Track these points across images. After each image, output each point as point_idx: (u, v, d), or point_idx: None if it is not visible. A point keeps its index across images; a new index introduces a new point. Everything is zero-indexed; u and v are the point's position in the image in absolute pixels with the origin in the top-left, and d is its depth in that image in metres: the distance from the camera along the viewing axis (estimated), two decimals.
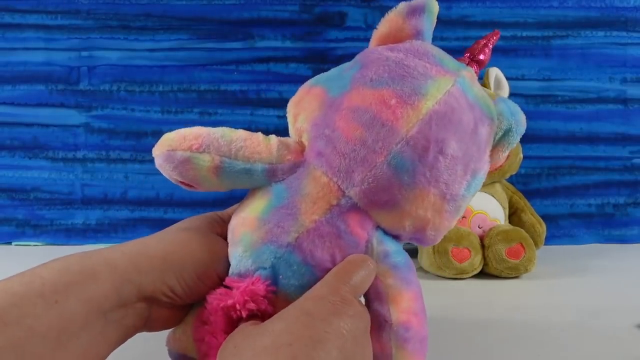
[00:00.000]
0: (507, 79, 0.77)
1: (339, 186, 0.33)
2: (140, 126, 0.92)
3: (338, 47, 0.91)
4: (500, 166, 0.73)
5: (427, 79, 0.33)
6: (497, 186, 0.76)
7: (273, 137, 0.35)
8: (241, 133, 0.34)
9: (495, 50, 1.00)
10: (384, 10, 0.98)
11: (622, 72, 0.91)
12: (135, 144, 0.91)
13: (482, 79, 0.78)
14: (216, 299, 0.33)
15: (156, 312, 0.35)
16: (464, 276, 0.68)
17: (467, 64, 0.39)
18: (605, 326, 0.49)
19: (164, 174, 0.35)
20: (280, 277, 0.32)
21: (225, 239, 0.36)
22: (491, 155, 0.36)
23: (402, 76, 0.33)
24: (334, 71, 0.36)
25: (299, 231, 0.32)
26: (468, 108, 0.33)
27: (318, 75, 0.37)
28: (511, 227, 0.71)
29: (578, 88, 0.92)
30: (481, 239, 0.70)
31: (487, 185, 0.74)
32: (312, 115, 0.34)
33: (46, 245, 0.90)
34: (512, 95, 0.79)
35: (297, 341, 0.26)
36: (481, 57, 0.38)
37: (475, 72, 0.38)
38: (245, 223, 0.34)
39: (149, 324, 0.35)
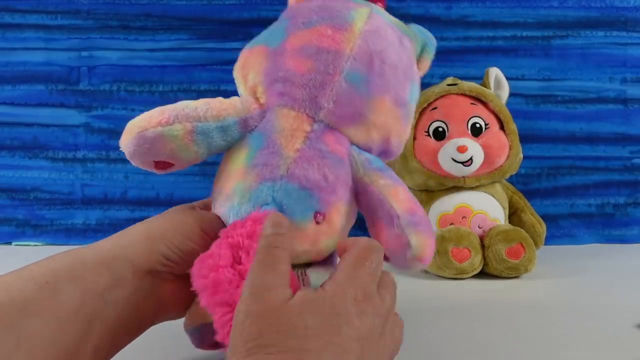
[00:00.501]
0: (507, 79, 0.77)
1: (307, 114, 0.36)
2: None
3: None
4: (500, 166, 0.73)
5: (350, 11, 0.38)
6: (497, 186, 0.76)
7: (234, 97, 0.38)
8: (202, 100, 0.36)
9: (495, 50, 1.00)
10: None
11: (622, 72, 0.91)
12: None
13: (482, 79, 0.78)
14: (224, 232, 0.33)
15: (161, 287, 0.35)
16: (464, 276, 0.68)
17: None
18: (605, 326, 0.49)
19: (136, 161, 0.36)
20: (284, 207, 0.34)
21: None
22: (418, 67, 0.41)
23: (328, 14, 0.38)
24: (265, 31, 0.40)
25: (287, 163, 0.35)
26: (389, 27, 0.39)
27: (252, 40, 0.40)
28: (511, 227, 0.71)
29: (578, 88, 0.92)
30: (481, 239, 0.70)
31: (487, 186, 0.74)
32: (260, 68, 0.37)
33: (46, 245, 0.90)
34: (512, 95, 0.79)
35: (325, 349, 0.26)
36: (379, 4, 0.42)
37: None
38: (233, 177, 0.36)
39: (160, 305, 0.35)
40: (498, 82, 0.76)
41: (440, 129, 0.73)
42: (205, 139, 0.35)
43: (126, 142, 0.35)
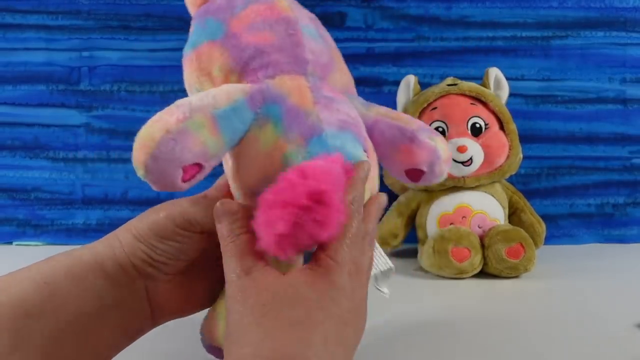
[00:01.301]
0: (507, 79, 0.77)
1: (297, 72, 0.36)
2: (140, 126, 0.91)
3: (338, 47, 0.91)
4: (500, 166, 0.73)
5: None
6: (497, 186, 0.76)
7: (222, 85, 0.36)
8: (198, 94, 0.34)
9: (495, 50, 1.01)
10: (384, 10, 0.99)
11: (622, 72, 0.92)
12: None
13: (482, 79, 0.78)
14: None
15: (155, 288, 0.35)
16: (464, 276, 0.68)
17: None
18: (605, 326, 0.49)
19: (159, 176, 0.31)
20: (345, 150, 0.34)
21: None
22: None
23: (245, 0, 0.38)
24: (194, 35, 0.39)
25: (317, 115, 0.34)
26: None
27: (185, 48, 0.39)
28: (511, 227, 0.71)
29: (578, 88, 0.92)
30: (481, 238, 0.70)
31: (487, 185, 0.74)
32: (223, 59, 0.36)
33: (47, 245, 0.90)
34: (512, 95, 0.79)
35: (329, 320, 0.28)
36: None
37: None
38: (273, 153, 0.33)
39: (157, 306, 0.35)
40: (498, 82, 0.77)
41: (440, 129, 0.73)
42: (228, 124, 0.33)
43: (145, 153, 0.30)
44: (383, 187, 0.85)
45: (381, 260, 0.39)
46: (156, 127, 0.31)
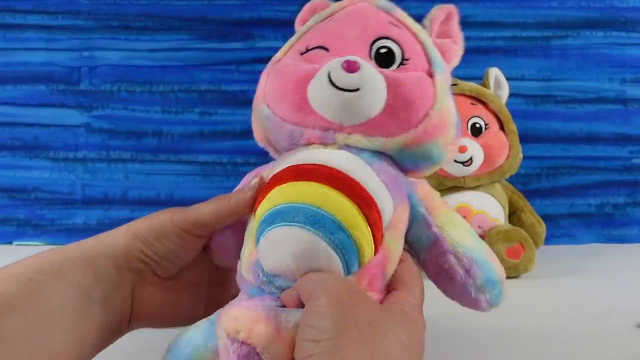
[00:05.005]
0: (507, 79, 0.77)
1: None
2: (140, 126, 0.92)
3: None
4: (500, 166, 0.73)
5: None
6: (497, 186, 0.76)
7: None
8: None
9: (495, 50, 1.00)
10: None
11: (622, 72, 0.92)
12: (135, 144, 0.92)
13: (482, 79, 0.78)
14: None
15: (141, 286, 0.35)
16: None
17: None
18: (605, 326, 0.49)
19: None
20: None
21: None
22: None
23: None
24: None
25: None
26: None
27: None
28: (511, 227, 0.71)
29: (578, 88, 0.92)
30: (481, 238, 0.70)
31: (487, 185, 0.74)
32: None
33: (47, 245, 0.90)
34: (512, 95, 0.79)
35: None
36: None
37: None
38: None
39: (135, 308, 0.35)
40: (498, 82, 0.77)
41: None
42: None
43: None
44: None
45: None
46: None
